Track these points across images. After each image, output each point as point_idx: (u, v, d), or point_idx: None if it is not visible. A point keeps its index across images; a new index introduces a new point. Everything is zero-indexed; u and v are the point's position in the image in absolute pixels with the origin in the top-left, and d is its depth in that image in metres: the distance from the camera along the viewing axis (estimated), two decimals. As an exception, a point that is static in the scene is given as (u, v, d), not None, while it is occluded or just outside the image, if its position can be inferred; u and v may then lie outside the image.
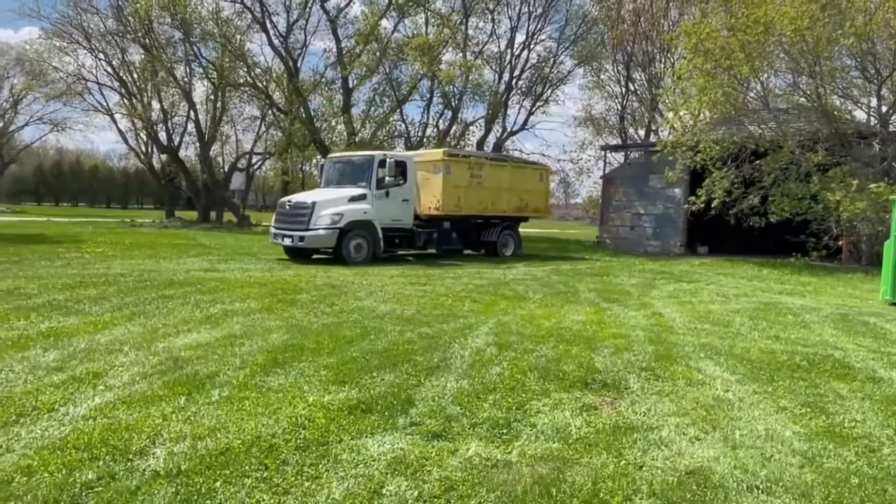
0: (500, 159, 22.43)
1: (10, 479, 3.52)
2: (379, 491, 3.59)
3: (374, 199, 16.76)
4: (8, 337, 6.80)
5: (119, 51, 39.44)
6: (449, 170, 18.56)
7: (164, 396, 5.03)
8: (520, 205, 20.75)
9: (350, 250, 16.18)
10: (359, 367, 6.10)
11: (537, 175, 21.92)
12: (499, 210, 20.12)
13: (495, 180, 19.93)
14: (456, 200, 18.68)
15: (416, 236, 18.15)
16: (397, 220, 17.43)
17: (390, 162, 17.09)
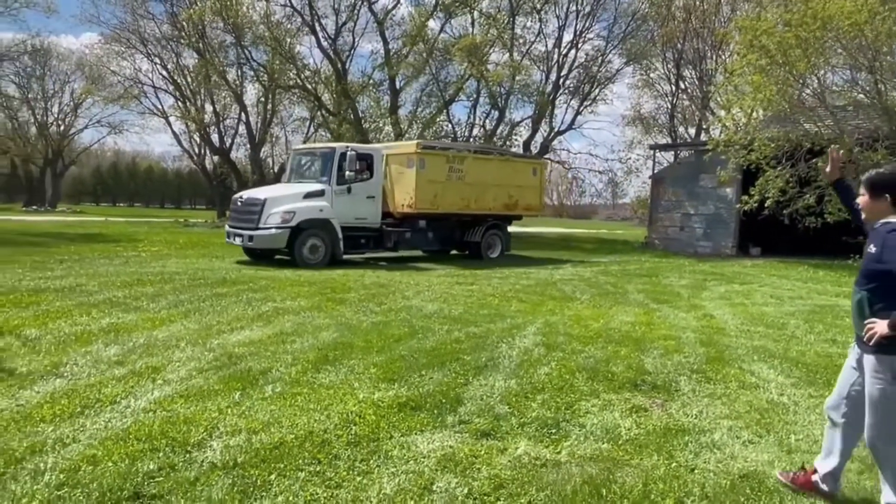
0: (485, 152, 20.31)
1: (77, 468, 3.67)
2: (429, 487, 3.63)
3: (333, 195, 15.28)
4: (72, 332, 7.06)
5: (174, 55, 40.50)
6: (423, 163, 16.89)
7: (219, 391, 5.17)
8: (508, 202, 18.96)
9: (304, 251, 14.80)
10: (407, 365, 6.16)
11: (529, 169, 19.98)
12: (483, 207, 18.37)
13: (479, 175, 18.10)
14: (432, 197, 16.99)
15: (386, 236, 16.61)
16: (361, 219, 15.92)
17: (351, 154, 15.44)
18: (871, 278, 3.38)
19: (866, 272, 3.42)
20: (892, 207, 3.42)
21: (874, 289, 3.35)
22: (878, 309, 3.29)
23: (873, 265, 3.36)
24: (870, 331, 3.25)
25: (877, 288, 3.34)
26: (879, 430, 3.38)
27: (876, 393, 3.34)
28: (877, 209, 3.46)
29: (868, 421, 3.42)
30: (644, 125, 40.04)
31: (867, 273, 3.41)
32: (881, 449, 3.42)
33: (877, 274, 3.33)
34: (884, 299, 3.29)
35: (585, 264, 18.67)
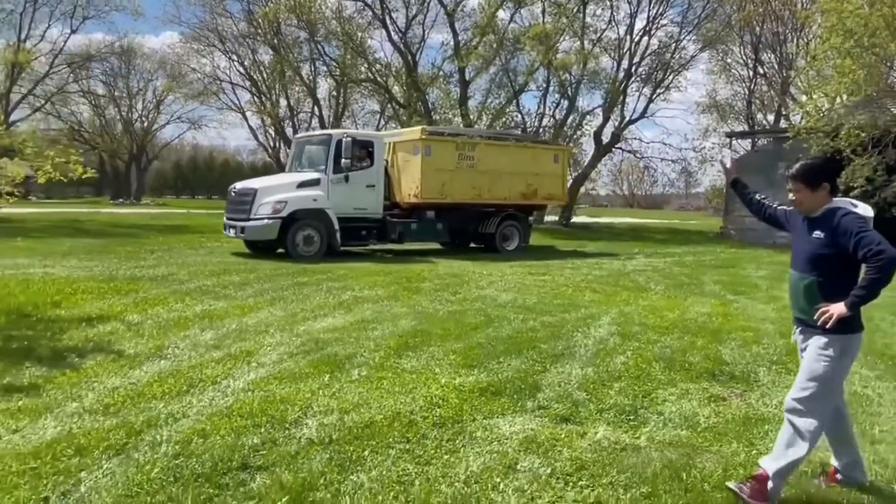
0: (500, 138, 19.22)
1: (189, 441, 4.00)
2: (513, 466, 3.81)
3: (329, 184, 14.58)
4: (169, 318, 7.55)
5: (250, 52, 41.76)
6: (429, 150, 16.07)
7: (310, 374, 5.48)
8: (526, 191, 17.84)
9: (297, 243, 14.13)
10: (485, 352, 6.34)
11: (550, 156, 18.77)
12: (498, 197, 17.38)
13: (493, 162, 17.14)
14: (439, 186, 16.18)
15: (390, 227, 15.79)
16: (361, 209, 15.13)
17: (347, 141, 14.65)
18: (819, 263, 3.41)
19: (813, 257, 3.44)
20: (829, 195, 3.46)
21: (825, 273, 3.39)
22: (831, 292, 3.32)
23: (821, 250, 3.39)
24: (824, 314, 3.26)
25: (826, 272, 3.39)
26: (808, 396, 3.40)
27: (821, 369, 3.39)
28: (818, 200, 3.48)
29: (799, 383, 3.47)
30: (719, 112, 39.00)
31: (815, 258, 3.43)
32: (799, 413, 3.42)
33: (826, 258, 3.38)
34: (834, 282, 3.35)
35: (658, 255, 18.44)
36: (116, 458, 3.74)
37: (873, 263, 3.18)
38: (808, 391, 3.42)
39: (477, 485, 3.56)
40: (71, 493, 3.32)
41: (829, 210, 3.43)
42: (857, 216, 3.35)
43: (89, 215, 27.84)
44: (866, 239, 3.22)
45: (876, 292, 3.25)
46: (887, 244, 3.19)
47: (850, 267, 3.33)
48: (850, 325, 3.34)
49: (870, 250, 3.18)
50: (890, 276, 3.19)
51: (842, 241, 3.29)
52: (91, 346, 6.23)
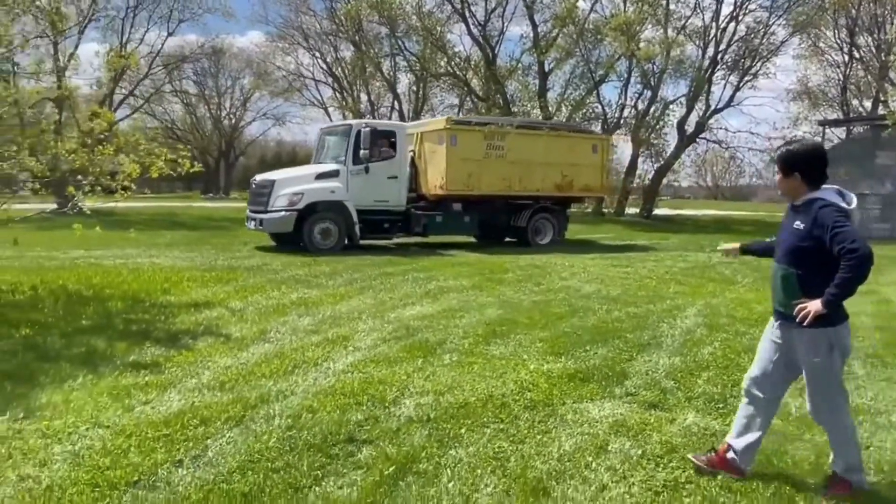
0: (533, 126, 18.30)
1: (300, 415, 4.33)
2: (605, 447, 3.95)
3: (349, 175, 14.15)
4: (269, 304, 8.01)
5: (332, 49, 42.90)
6: (455, 140, 15.41)
7: (404, 358, 5.76)
8: (561, 182, 16.94)
9: (315, 236, 13.81)
10: (571, 341, 6.48)
11: (588, 146, 17.75)
12: (530, 189, 16.56)
13: (525, 152, 16.32)
14: (465, 177, 15.56)
15: (414, 220, 15.24)
16: (382, 201, 14.63)
17: (365, 132, 14.16)
18: (798, 255, 3.33)
19: (793, 249, 3.36)
20: (805, 185, 3.37)
21: (804, 266, 3.31)
22: (810, 286, 3.25)
23: (801, 242, 3.31)
24: (802, 310, 3.21)
25: (806, 265, 3.30)
26: (823, 401, 3.44)
27: (814, 367, 3.37)
28: (791, 187, 3.43)
29: (810, 394, 3.47)
30: (811, 99, 37.37)
31: (794, 250, 3.36)
32: (826, 419, 3.48)
33: (806, 250, 3.30)
34: (814, 275, 3.25)
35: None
36: (236, 428, 4.10)
37: (846, 262, 3.09)
38: (816, 394, 3.44)
39: (570, 462, 3.74)
40: (201, 457, 3.69)
41: (810, 200, 3.34)
42: (836, 209, 3.24)
43: (183, 209, 29.30)
44: (841, 235, 3.12)
45: (851, 291, 3.17)
46: (861, 242, 3.09)
47: (831, 260, 3.17)
48: (832, 318, 3.25)
49: (843, 248, 3.09)
50: (863, 274, 3.12)
51: (819, 233, 3.21)
52: (201, 330, 6.72)
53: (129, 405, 4.48)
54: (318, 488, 3.39)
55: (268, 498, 3.27)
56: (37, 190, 8.54)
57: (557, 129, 18.64)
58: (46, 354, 5.69)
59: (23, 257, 11.19)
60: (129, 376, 5.11)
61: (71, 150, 8.50)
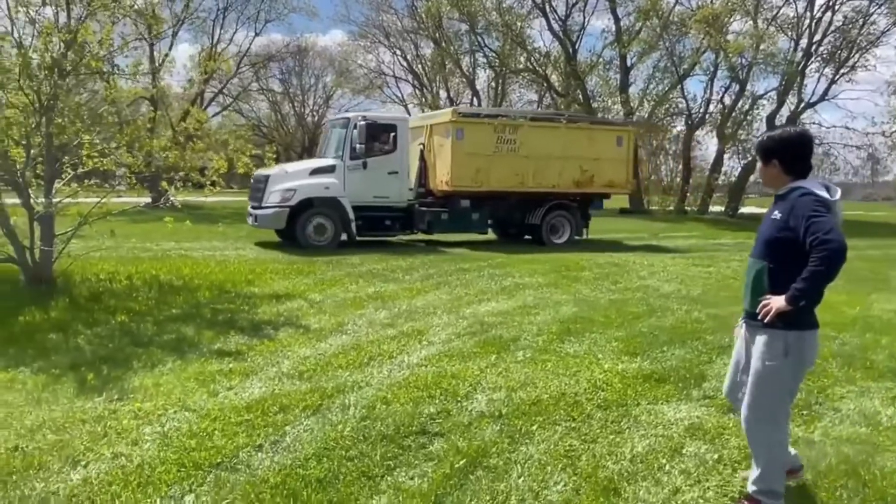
0: (549, 119, 17.20)
1: (374, 406, 4.44)
2: (679, 450, 3.88)
3: (346, 170, 13.56)
4: (347, 297, 8.20)
5: (413, 46, 43.41)
6: (461, 133, 14.65)
7: (477, 353, 5.80)
8: (580, 178, 15.86)
9: (308, 232, 13.35)
10: (648, 341, 6.36)
11: (612, 138, 16.52)
12: (545, 185, 15.56)
13: (538, 146, 15.36)
14: (473, 172, 14.74)
15: (417, 217, 14.62)
16: (382, 197, 14.02)
17: (361, 125, 13.53)
18: (773, 247, 3.10)
19: (769, 240, 3.13)
20: (784, 174, 3.14)
21: (776, 259, 3.07)
22: (780, 282, 3.00)
23: (778, 233, 3.07)
24: (765, 307, 2.98)
25: (779, 258, 3.06)
26: (759, 410, 3.17)
27: (764, 369, 3.10)
28: (770, 175, 3.22)
29: (749, 398, 3.20)
30: (915, 92, 35.14)
31: (770, 241, 3.12)
32: (756, 431, 3.20)
33: (781, 242, 3.05)
34: (786, 270, 2.98)
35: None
36: (313, 416, 4.24)
37: (816, 254, 2.85)
38: (754, 398, 3.18)
39: (642, 464, 3.69)
40: (279, 443, 3.84)
41: (790, 189, 3.13)
42: (815, 198, 3.00)
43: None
44: (816, 225, 2.88)
45: (818, 287, 2.95)
46: (837, 234, 2.84)
47: (805, 255, 2.92)
48: (797, 320, 3.02)
49: (816, 238, 2.86)
50: (833, 269, 2.86)
51: (795, 224, 2.98)
52: (282, 320, 6.95)
53: (214, 390, 4.70)
54: (390, 478, 3.47)
55: (342, 485, 3.37)
56: (133, 185, 9.01)
57: (576, 120, 17.62)
58: (140, 340, 6.03)
59: (120, 248, 11.83)
60: (214, 363, 5.36)
61: (164, 147, 8.94)
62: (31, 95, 7.51)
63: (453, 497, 3.30)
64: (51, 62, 7.46)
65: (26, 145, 7.77)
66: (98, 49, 7.81)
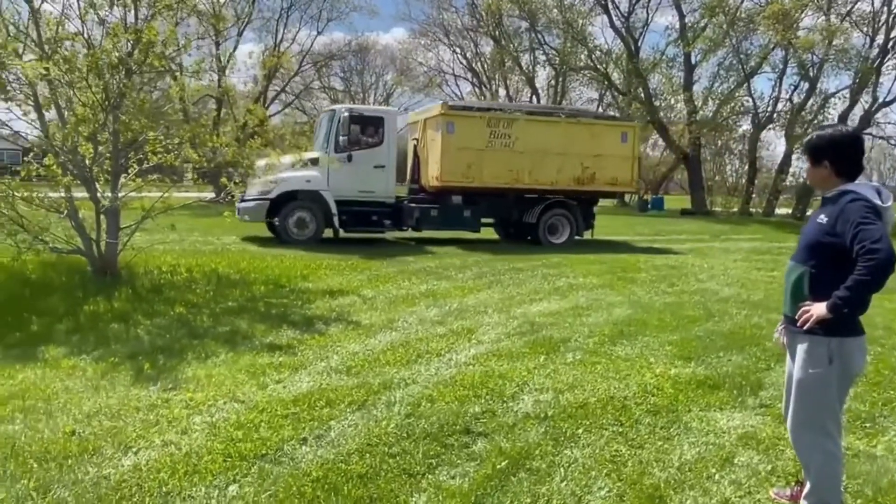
0: (546, 113, 16.50)
1: (419, 403, 4.44)
2: (730, 460, 3.75)
3: (330, 164, 13.06)
4: (399, 294, 8.24)
5: (472, 44, 43.45)
6: (452, 127, 14.09)
7: (526, 354, 5.74)
8: (581, 175, 15.14)
9: (289, 226, 13.07)
10: (703, 345, 6.18)
11: (615, 134, 15.76)
12: (542, 181, 14.89)
13: (535, 141, 14.69)
14: (464, 168, 14.15)
15: (406, 213, 14.16)
16: (368, 192, 13.52)
17: (344, 117, 13.20)
18: (817, 251, 2.92)
19: (812, 244, 2.94)
20: (835, 176, 2.94)
21: (819, 264, 2.89)
22: (821, 287, 2.83)
23: (823, 237, 2.88)
24: (805, 314, 2.80)
25: (822, 263, 2.88)
26: (807, 422, 3.02)
27: (808, 378, 2.93)
28: (820, 177, 3.03)
29: (794, 409, 3.03)
30: None
31: (813, 245, 2.94)
32: (807, 445, 3.05)
33: (825, 247, 2.87)
34: (828, 276, 2.81)
35: None
36: (358, 412, 4.27)
37: (863, 262, 2.68)
38: (800, 408, 3.02)
39: (691, 472, 3.57)
40: (324, 437, 3.87)
41: (840, 193, 2.93)
42: (866, 204, 2.81)
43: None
44: (864, 233, 2.72)
45: (862, 297, 2.77)
46: (886, 243, 2.66)
47: (851, 261, 2.75)
48: (839, 326, 2.84)
49: (863, 247, 2.70)
50: (880, 280, 2.68)
51: (842, 229, 2.81)
52: (333, 316, 7.03)
53: (264, 383, 4.78)
54: (431, 476, 3.46)
55: (383, 481, 3.37)
56: (195, 179, 9.26)
57: (577, 115, 16.79)
58: (196, 332, 6.19)
59: (182, 241, 12.17)
60: (265, 356, 5.45)
61: (225, 143, 9.16)
62: (100, 93, 7.79)
63: (494, 498, 3.26)
64: (117, 61, 7.72)
65: (94, 141, 8.06)
66: (162, 48, 8.04)
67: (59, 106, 7.96)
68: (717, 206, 33.66)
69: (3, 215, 7.51)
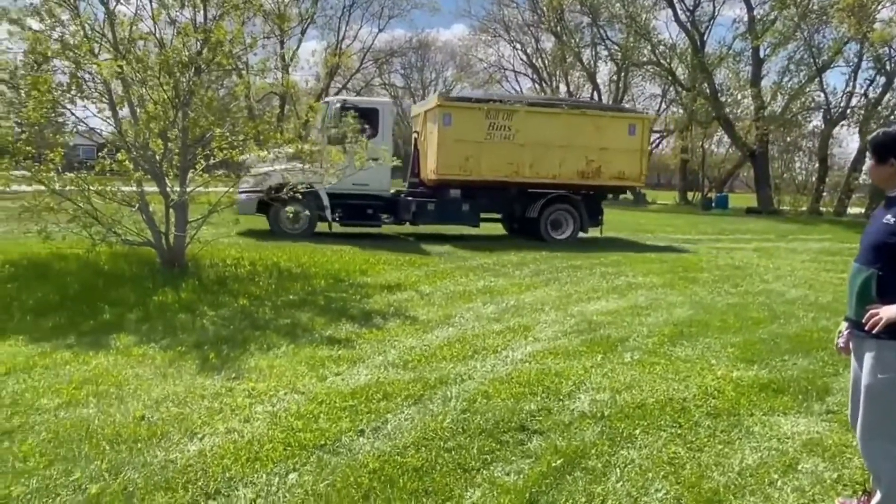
0: (549, 104, 15.86)
1: (475, 399, 4.46)
2: (794, 466, 3.65)
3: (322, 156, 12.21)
4: (456, 290, 8.28)
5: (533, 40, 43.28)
6: (449, 119, 13.77)
7: (583, 352, 5.69)
8: (585, 169, 14.64)
9: (282, 219, 12.90)
10: (767, 348, 6.02)
11: (623, 126, 15.15)
12: (544, 175, 14.45)
13: (537, 134, 14.27)
14: (462, 161, 13.81)
15: (402, 207, 13.96)
16: (361, 185, 12.94)
17: (335, 108, 12.98)
18: (883, 252, 2.74)
19: (878, 245, 2.77)
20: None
21: (887, 266, 2.73)
22: (890, 290, 2.68)
23: (889, 238, 2.72)
24: (873, 317, 2.63)
25: (891, 265, 2.71)
26: (878, 430, 2.87)
27: (878, 384, 2.77)
28: (885, 175, 2.86)
29: (863, 415, 2.86)
30: None
31: (879, 246, 2.76)
32: (873, 448, 2.90)
33: (893, 248, 2.71)
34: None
35: None
36: (415, 406, 4.32)
37: None
38: (869, 415, 2.87)
39: (752, 478, 3.50)
40: (380, 430, 3.93)
41: None
42: None
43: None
44: None
45: None
46: None
47: None
48: None
49: None
50: None
51: None
52: (391, 311, 7.11)
53: (323, 375, 4.88)
54: (486, 472, 3.47)
55: (438, 475, 3.41)
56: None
57: (581, 107, 16.23)
58: (258, 323, 6.35)
59: (246, 235, 12.50)
60: (324, 349, 5.56)
61: (288, 139, 9.36)
62: (170, 91, 8.07)
63: (548, 496, 3.26)
64: (187, 60, 7.97)
65: (164, 138, 8.35)
66: (229, 47, 8.26)
67: (131, 103, 8.26)
68: (785, 204, 32.61)
69: (79, 208, 7.85)
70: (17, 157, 7.70)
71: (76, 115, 8.53)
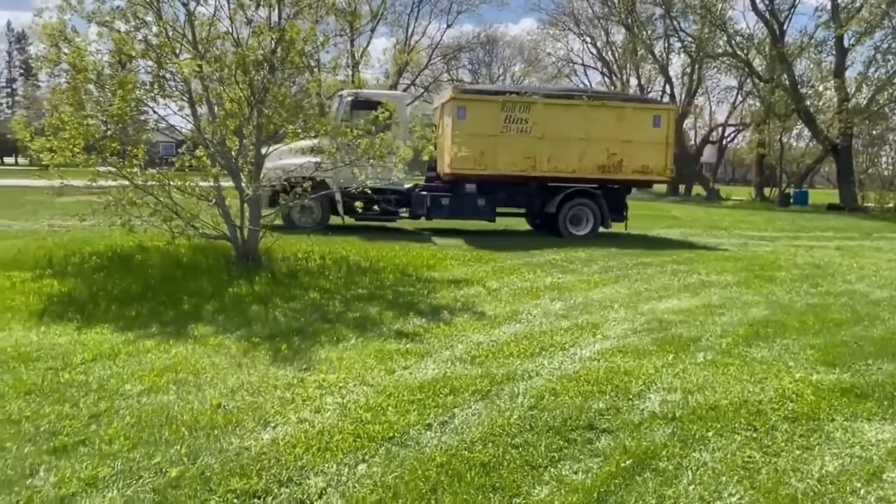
0: (568, 96, 15.26)
1: (542, 396, 4.43)
2: (878, 475, 3.49)
3: None
4: (524, 287, 8.24)
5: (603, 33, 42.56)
6: (463, 112, 13.44)
7: (653, 352, 5.58)
8: (606, 162, 14.07)
9: (293, 214, 12.71)
10: (850, 351, 5.77)
11: (647, 118, 14.49)
12: (563, 169, 13.94)
13: (555, 127, 13.78)
14: (477, 155, 13.31)
15: (416, 201, 13.72)
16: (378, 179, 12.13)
17: (347, 101, 12.64)
18: None
19: None
20: None
21: None
22: None
23: None
24: None
25: None
26: None
27: None
28: None
29: None
30: None
31: None
32: None
33: None
34: None
35: None
36: (482, 401, 4.32)
37: None
38: None
39: (832, 486, 3.36)
40: (448, 424, 3.96)
41: None
42: None
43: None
44: None
45: None
46: None
47: None
48: None
49: None
50: None
51: None
52: (459, 306, 7.14)
53: (391, 368, 4.94)
54: (554, 469, 3.45)
55: (505, 471, 3.41)
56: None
57: (602, 98, 15.62)
58: (328, 316, 6.48)
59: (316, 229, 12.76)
60: (393, 342, 5.63)
61: (358, 135, 9.48)
62: (246, 89, 8.29)
63: (617, 496, 3.21)
64: (262, 58, 8.18)
65: (240, 134, 8.59)
66: (302, 45, 8.43)
67: (209, 101, 8.54)
68: (870, 201, 31.07)
69: (160, 203, 8.17)
70: (103, 153, 8.08)
71: (158, 112, 8.89)
